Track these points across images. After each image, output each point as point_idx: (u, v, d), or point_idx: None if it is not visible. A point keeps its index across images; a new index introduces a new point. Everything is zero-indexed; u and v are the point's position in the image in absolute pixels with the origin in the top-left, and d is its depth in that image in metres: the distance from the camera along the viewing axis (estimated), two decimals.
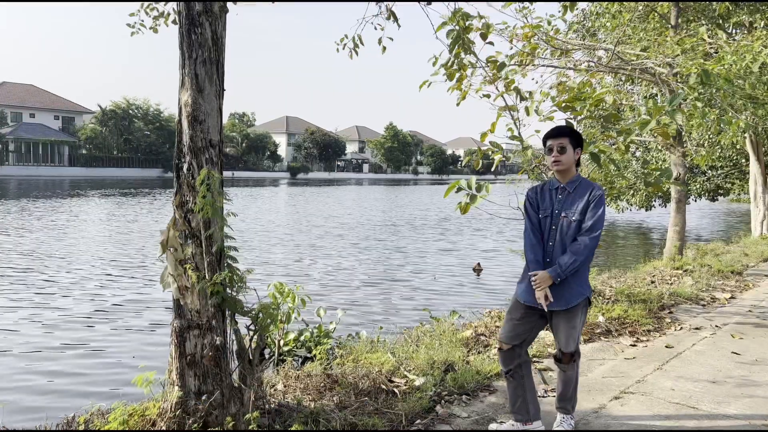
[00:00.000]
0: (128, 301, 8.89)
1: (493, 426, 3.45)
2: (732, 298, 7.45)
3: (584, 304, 3.23)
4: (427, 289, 10.25)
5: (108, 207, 25.22)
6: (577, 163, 3.28)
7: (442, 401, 3.83)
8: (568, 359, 3.28)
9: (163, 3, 5.76)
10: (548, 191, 3.30)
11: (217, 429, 3.09)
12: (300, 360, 5.34)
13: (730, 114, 6.88)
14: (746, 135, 13.23)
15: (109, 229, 17.44)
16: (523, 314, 3.29)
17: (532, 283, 3.16)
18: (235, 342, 3.29)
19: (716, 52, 7.47)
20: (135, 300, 8.96)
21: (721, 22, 10.74)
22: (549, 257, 3.21)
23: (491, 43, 5.63)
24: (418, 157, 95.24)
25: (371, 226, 20.77)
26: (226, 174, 3.50)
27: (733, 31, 11.72)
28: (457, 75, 5.77)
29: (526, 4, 7.10)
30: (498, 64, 5.72)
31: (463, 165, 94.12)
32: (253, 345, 3.31)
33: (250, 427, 3.06)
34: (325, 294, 9.54)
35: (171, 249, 3.17)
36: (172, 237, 3.17)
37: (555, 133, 3.24)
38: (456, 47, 5.35)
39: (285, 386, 3.93)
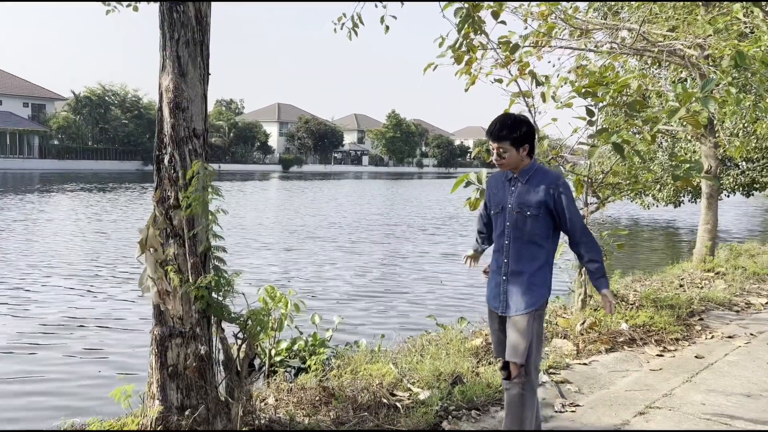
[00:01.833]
0: (100, 308, 8.89)
1: None
2: None
3: (540, 309, 3.11)
4: (432, 294, 10.26)
5: (80, 203, 25.24)
6: (531, 152, 3.13)
7: (449, 417, 3.83)
8: (515, 371, 3.08)
9: None
10: (502, 182, 3.23)
11: None
12: (293, 371, 5.34)
13: (767, 100, 6.86)
14: None
15: (79, 229, 17.42)
16: (499, 321, 3.24)
17: (609, 306, 3.12)
18: (221, 351, 3.30)
19: (752, 32, 7.44)
20: (107, 306, 8.96)
21: None
22: (506, 257, 3.16)
23: (503, 22, 5.62)
24: (423, 149, 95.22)
25: (371, 225, 20.79)
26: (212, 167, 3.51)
27: None
28: (466, 57, 5.76)
29: None
30: (511, 45, 5.71)
31: (472, 157, 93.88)
32: (242, 355, 3.31)
33: None
34: (320, 299, 9.55)
35: (150, 249, 3.17)
36: (151, 236, 3.17)
37: (493, 136, 3.10)
38: (465, 27, 5.34)
39: (276, 400, 3.94)
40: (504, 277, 3.17)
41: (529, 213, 3.08)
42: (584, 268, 3.24)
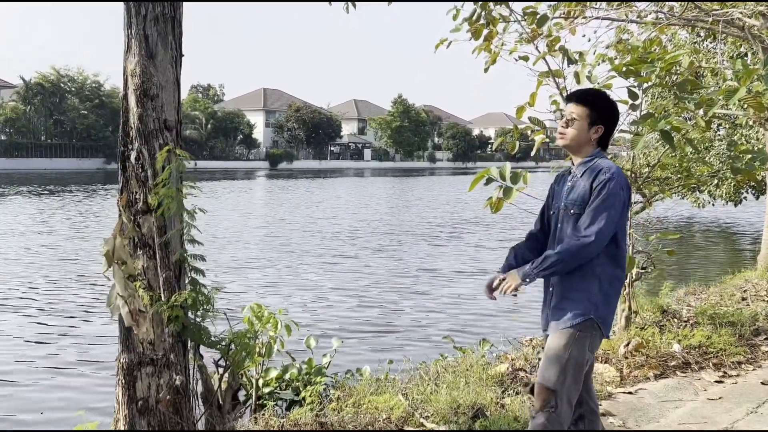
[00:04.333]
0: (53, 331, 8.90)
1: None
2: None
3: (581, 330, 3.05)
4: (448, 312, 10.25)
5: (31, 209, 25.34)
6: (603, 144, 3.21)
7: None
8: (543, 396, 3.05)
9: None
10: (565, 175, 3.31)
11: None
12: (285, 405, 5.35)
13: None
14: None
15: (30, 240, 17.45)
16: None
17: (499, 284, 3.14)
18: (199, 382, 3.30)
19: None
20: (62, 328, 8.99)
21: None
22: None
23: None
24: (436, 140, 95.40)
25: (374, 232, 20.81)
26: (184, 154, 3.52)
27: None
28: (485, 31, 5.77)
29: None
30: (538, 17, 5.72)
31: (494, 149, 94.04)
32: (224, 386, 3.32)
33: None
34: (315, 319, 9.56)
35: (118, 262, 3.19)
36: (119, 247, 3.18)
37: (571, 97, 3.23)
38: None
39: None
40: (550, 289, 3.21)
41: (573, 212, 3.11)
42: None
